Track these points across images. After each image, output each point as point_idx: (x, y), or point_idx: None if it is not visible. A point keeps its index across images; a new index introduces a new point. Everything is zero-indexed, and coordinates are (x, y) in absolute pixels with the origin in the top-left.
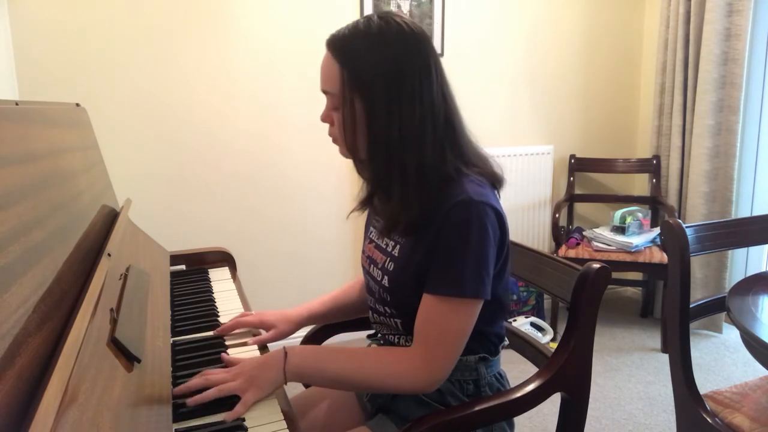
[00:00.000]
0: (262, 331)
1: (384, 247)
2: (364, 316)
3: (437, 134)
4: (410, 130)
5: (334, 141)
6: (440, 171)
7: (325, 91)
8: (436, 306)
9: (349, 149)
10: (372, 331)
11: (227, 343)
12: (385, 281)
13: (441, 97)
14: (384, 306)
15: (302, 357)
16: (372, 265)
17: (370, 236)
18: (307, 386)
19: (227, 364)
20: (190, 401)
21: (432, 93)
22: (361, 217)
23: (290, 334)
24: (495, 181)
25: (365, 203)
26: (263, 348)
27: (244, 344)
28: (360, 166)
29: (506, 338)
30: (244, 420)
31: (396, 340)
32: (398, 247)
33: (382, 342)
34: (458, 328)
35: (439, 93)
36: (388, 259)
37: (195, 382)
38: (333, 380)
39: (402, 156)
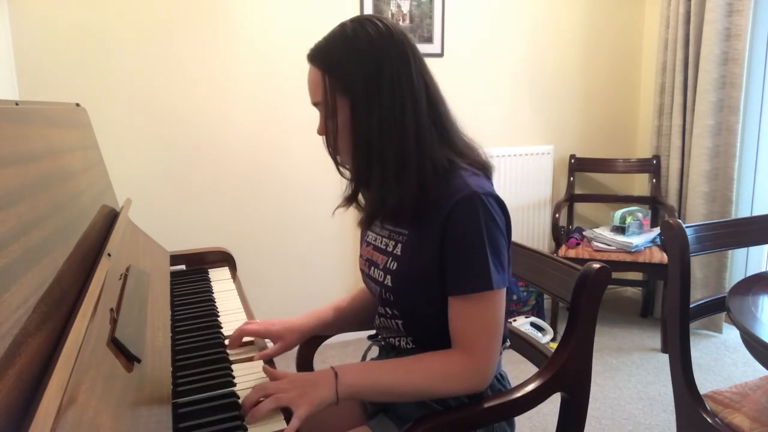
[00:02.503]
0: (268, 343)
1: (384, 247)
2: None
3: (420, 119)
4: (390, 120)
5: (329, 153)
6: (426, 160)
7: (315, 104)
8: (466, 305)
9: (336, 152)
10: (373, 332)
11: (231, 357)
12: (388, 281)
13: (422, 83)
14: (386, 307)
15: (354, 375)
16: (372, 267)
17: (367, 239)
18: None
19: (270, 377)
20: (249, 418)
21: (411, 79)
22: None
23: (295, 345)
24: (485, 170)
25: (350, 200)
26: (269, 361)
27: (250, 359)
28: (344, 170)
29: (508, 339)
30: (243, 420)
31: (397, 342)
32: (400, 246)
33: (383, 343)
34: (494, 321)
35: (419, 79)
36: (390, 258)
37: (252, 396)
38: (386, 393)
39: (382, 148)
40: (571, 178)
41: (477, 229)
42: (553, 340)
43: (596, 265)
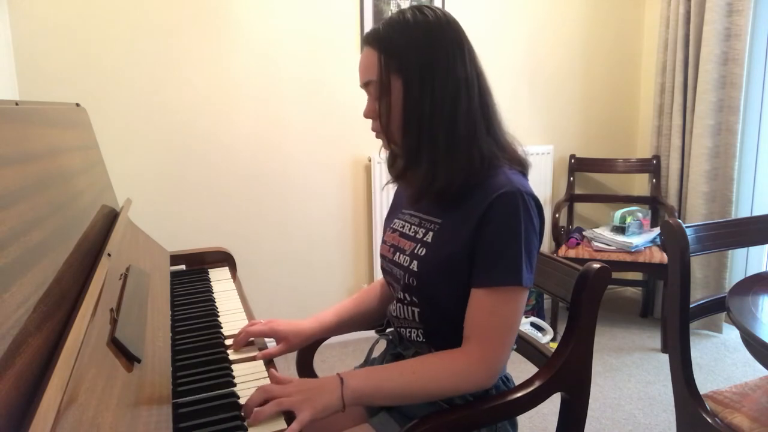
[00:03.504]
0: (268, 342)
1: (412, 234)
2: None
3: (471, 107)
4: (443, 101)
5: (378, 135)
6: (476, 147)
7: (365, 84)
8: (488, 298)
9: (386, 133)
10: (379, 327)
11: (233, 357)
12: (414, 266)
13: (474, 73)
14: (406, 293)
15: (360, 381)
16: (397, 253)
17: (393, 226)
18: None
19: (275, 381)
20: (252, 420)
21: (465, 67)
22: (362, 218)
23: (299, 348)
24: (523, 168)
25: (399, 177)
26: (269, 361)
27: (252, 359)
28: (393, 157)
29: (515, 342)
30: (244, 420)
31: (408, 333)
32: (431, 234)
33: (390, 337)
34: (511, 318)
35: (472, 68)
36: (419, 245)
37: (256, 397)
38: (393, 397)
39: (434, 127)
40: (571, 178)
41: (515, 225)
42: (553, 340)
43: (596, 265)
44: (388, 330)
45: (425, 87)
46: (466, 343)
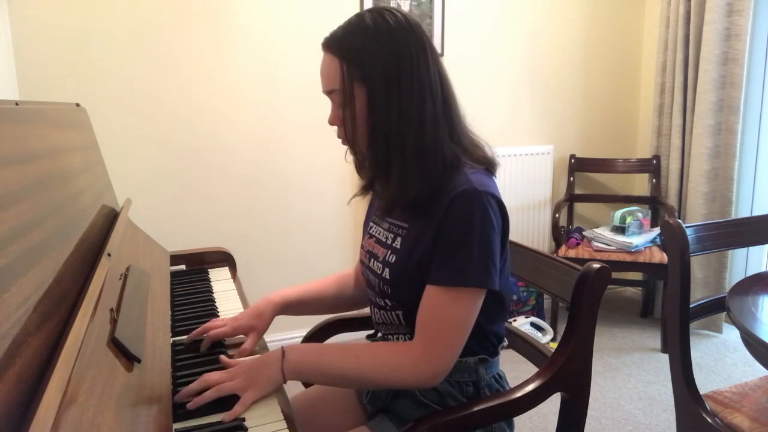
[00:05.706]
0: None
1: (384, 240)
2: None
3: (436, 113)
4: (409, 110)
5: (344, 142)
6: (439, 153)
7: (328, 92)
8: (439, 296)
9: (351, 142)
10: (371, 332)
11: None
12: (386, 273)
13: (438, 77)
14: (384, 299)
15: (300, 355)
16: (372, 259)
17: (370, 231)
18: (307, 386)
19: (225, 366)
20: (190, 405)
21: (429, 72)
22: (361, 216)
23: (269, 323)
24: (490, 166)
25: (367, 189)
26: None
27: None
28: (360, 163)
29: (506, 339)
30: (244, 420)
31: (395, 339)
32: (399, 239)
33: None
34: (461, 318)
35: (436, 73)
36: (389, 251)
37: (194, 386)
38: (332, 377)
39: (402, 137)
40: (571, 178)
41: (468, 224)
42: (553, 340)
43: (596, 265)
44: (378, 336)
45: (390, 96)
46: (414, 338)
